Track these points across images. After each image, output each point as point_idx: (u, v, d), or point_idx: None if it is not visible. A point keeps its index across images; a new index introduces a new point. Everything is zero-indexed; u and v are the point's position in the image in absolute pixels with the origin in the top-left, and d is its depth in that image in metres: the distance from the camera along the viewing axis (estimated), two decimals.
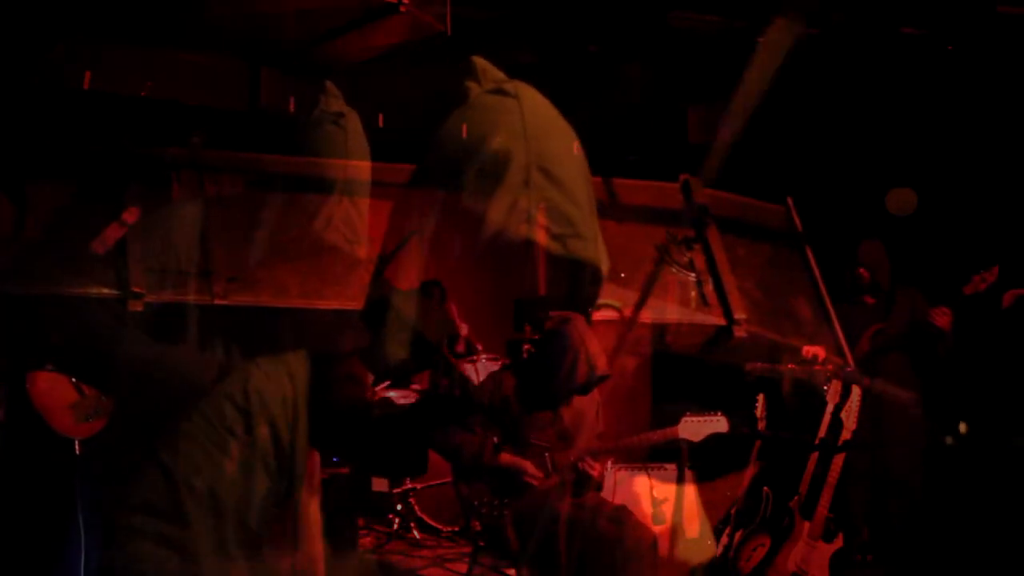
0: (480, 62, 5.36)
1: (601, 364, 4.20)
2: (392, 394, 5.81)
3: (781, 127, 6.52)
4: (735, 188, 6.86)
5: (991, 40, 5.48)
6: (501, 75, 5.36)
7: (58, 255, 4.37)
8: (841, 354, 5.91)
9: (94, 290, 4.63)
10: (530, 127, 5.14)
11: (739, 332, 6.06)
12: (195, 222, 5.02)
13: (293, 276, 5.34)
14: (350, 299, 5.50)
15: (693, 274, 6.09)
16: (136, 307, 4.65)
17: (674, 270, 6.09)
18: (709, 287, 6.15)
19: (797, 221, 6.70)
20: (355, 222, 5.48)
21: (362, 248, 5.48)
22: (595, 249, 4.85)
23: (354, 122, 5.42)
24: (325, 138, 5.34)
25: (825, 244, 6.29)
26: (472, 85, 5.29)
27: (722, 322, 6.26)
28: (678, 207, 6.52)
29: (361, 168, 5.48)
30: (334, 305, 5.39)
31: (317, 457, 3.71)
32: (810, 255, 6.60)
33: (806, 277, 6.52)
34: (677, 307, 6.01)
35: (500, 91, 5.26)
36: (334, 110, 5.41)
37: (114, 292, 4.72)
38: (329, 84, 5.46)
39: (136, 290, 4.78)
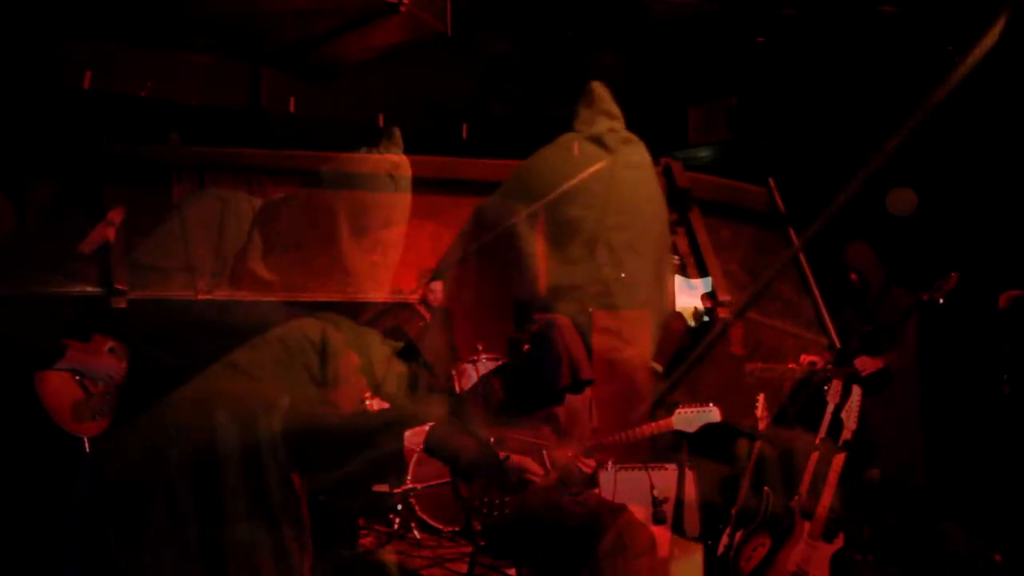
0: (598, 89, 5.39)
1: (584, 368, 4.21)
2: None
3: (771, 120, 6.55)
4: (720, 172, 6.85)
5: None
6: (615, 109, 5.39)
7: (41, 254, 4.38)
8: (826, 333, 5.91)
9: (77, 288, 4.64)
10: (614, 194, 5.19)
11: (724, 314, 6.09)
12: (180, 221, 5.05)
13: (277, 271, 5.38)
14: (334, 292, 5.53)
15: (677, 257, 6.09)
16: (120, 304, 4.67)
17: None
18: (693, 270, 6.16)
19: (780, 202, 6.68)
20: (390, 253, 5.55)
21: (389, 278, 5.57)
22: (631, 343, 4.98)
23: (405, 165, 5.53)
24: (378, 184, 5.44)
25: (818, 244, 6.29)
26: (582, 110, 5.34)
27: (707, 304, 6.30)
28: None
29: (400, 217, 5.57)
30: (318, 298, 5.42)
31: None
32: (793, 236, 6.58)
33: (791, 258, 6.52)
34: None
35: (600, 142, 5.30)
36: (393, 160, 5.48)
37: (96, 290, 4.73)
38: (396, 130, 5.54)
39: (119, 287, 4.80)
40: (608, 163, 5.30)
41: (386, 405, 5.57)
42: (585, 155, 5.34)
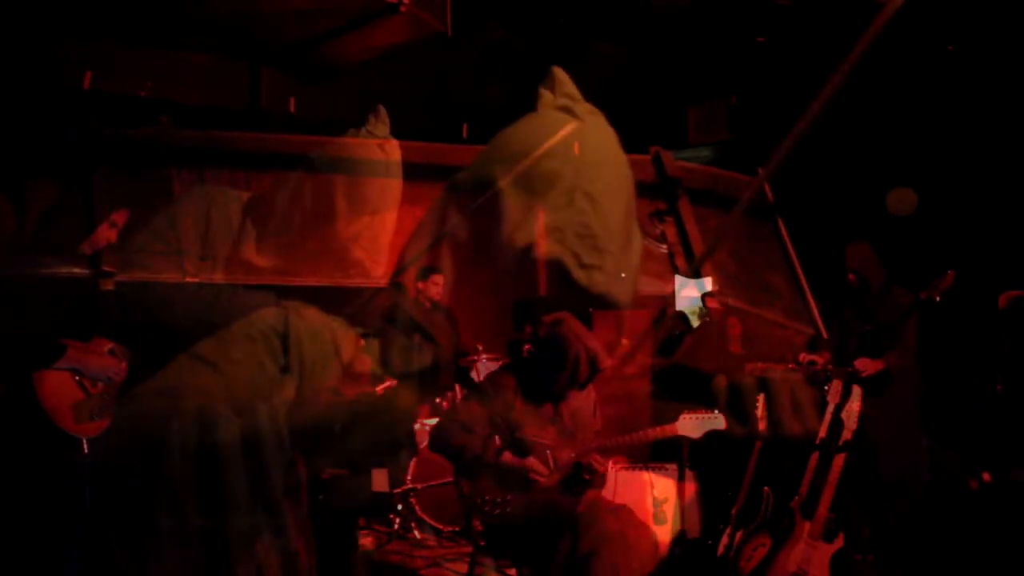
0: (559, 73, 5.45)
1: (602, 357, 4.23)
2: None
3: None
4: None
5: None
6: (576, 92, 5.43)
7: (33, 237, 4.37)
8: (815, 326, 5.90)
9: (64, 269, 4.62)
10: (586, 153, 5.23)
11: (712, 304, 6.11)
12: (169, 210, 5.03)
13: (268, 255, 5.36)
14: (324, 276, 5.52)
15: (665, 246, 6.12)
16: (107, 285, 4.65)
17: (646, 242, 6.07)
18: (681, 259, 6.16)
19: (769, 192, 6.69)
20: (379, 239, 5.54)
21: (380, 265, 5.55)
22: (617, 285, 4.98)
23: (394, 149, 5.51)
24: (367, 159, 5.41)
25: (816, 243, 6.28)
26: (545, 93, 5.38)
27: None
28: (649, 179, 6.52)
29: (394, 189, 5.53)
30: (309, 283, 5.42)
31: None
32: (782, 226, 6.59)
33: (779, 248, 6.53)
34: (649, 280, 6.01)
35: (568, 111, 5.34)
36: (380, 135, 5.47)
37: (85, 272, 4.71)
38: (381, 108, 5.54)
39: (107, 269, 4.79)
40: (579, 125, 5.36)
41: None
42: (556, 120, 5.41)
